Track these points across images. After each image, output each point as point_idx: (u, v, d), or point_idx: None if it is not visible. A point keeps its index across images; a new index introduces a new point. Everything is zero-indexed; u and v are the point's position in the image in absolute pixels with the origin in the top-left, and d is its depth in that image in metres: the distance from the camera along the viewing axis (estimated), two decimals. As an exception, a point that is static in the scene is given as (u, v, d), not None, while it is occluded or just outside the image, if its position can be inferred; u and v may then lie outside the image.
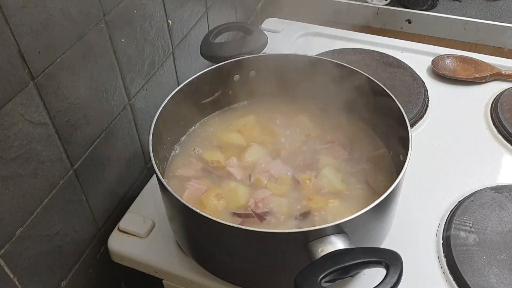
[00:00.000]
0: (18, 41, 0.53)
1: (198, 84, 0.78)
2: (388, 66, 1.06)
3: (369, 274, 0.68)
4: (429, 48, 1.13)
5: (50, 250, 0.68)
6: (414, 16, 1.27)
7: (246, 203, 0.71)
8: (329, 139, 0.81)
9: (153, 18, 0.80)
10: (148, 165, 0.91)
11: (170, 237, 0.76)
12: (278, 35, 1.20)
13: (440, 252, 0.74)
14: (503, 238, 0.74)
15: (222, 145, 0.81)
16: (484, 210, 0.78)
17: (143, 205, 0.82)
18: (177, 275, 0.73)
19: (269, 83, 0.87)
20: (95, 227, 0.78)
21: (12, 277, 0.61)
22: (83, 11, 0.63)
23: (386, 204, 0.62)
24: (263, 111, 0.87)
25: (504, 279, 0.69)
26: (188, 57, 0.96)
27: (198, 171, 0.77)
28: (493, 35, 1.22)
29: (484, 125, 0.95)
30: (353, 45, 1.15)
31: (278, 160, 0.77)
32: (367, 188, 0.73)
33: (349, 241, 0.56)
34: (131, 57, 0.77)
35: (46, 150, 0.62)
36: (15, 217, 0.59)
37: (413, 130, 0.93)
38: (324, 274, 0.52)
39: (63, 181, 0.67)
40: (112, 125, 0.76)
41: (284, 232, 0.58)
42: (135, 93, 0.81)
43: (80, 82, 0.66)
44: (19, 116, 0.56)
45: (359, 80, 0.77)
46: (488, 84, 1.04)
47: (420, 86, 1.01)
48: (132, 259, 0.76)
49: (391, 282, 0.50)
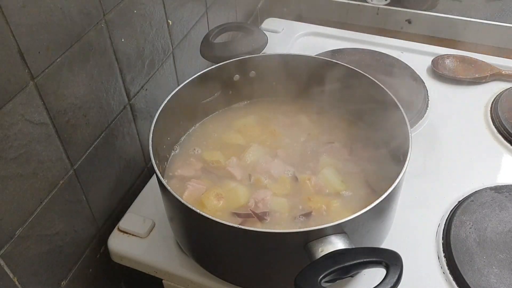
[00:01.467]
0: (18, 41, 0.53)
1: (198, 84, 0.78)
2: (388, 66, 1.06)
3: (369, 274, 0.68)
4: (429, 48, 1.13)
5: (50, 250, 0.68)
6: (414, 16, 1.27)
7: (246, 203, 0.71)
8: (329, 139, 0.81)
9: (153, 18, 0.80)
10: (148, 165, 0.91)
11: (170, 237, 0.76)
12: (278, 35, 1.20)
13: (440, 252, 0.74)
14: (503, 238, 0.74)
15: (222, 145, 0.81)
16: (484, 210, 0.78)
17: (143, 205, 0.82)
18: (177, 275, 0.73)
19: (269, 83, 0.87)
20: (95, 227, 0.78)
21: (12, 277, 0.61)
22: (83, 11, 0.63)
23: (386, 204, 0.62)
24: (263, 111, 0.87)
25: (504, 279, 0.69)
26: (188, 57, 0.96)
27: (198, 171, 0.77)
28: (493, 35, 1.22)
29: (484, 125, 0.95)
30: (353, 45, 1.15)
31: (278, 160, 0.77)
32: (367, 188, 0.73)
33: (349, 241, 0.56)
34: (131, 57, 0.77)
35: (46, 150, 0.62)
36: (15, 217, 0.59)
37: (413, 130, 0.93)
38: (324, 274, 0.52)
39: (63, 181, 0.67)
40: (112, 125, 0.76)
41: (284, 232, 0.58)
42: (135, 93, 0.81)
43: (80, 82, 0.66)
44: (19, 116, 0.56)
45: (359, 80, 0.77)
46: (488, 84, 1.04)
47: (420, 86, 1.01)
48: (132, 259, 0.76)
49: (391, 282, 0.50)
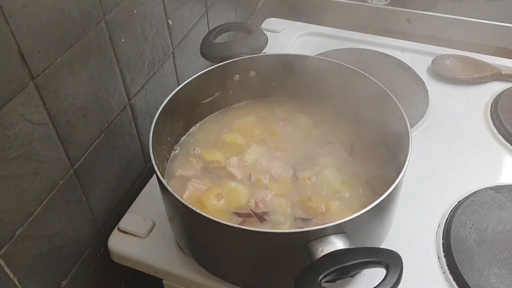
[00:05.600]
0: (18, 41, 0.53)
1: (198, 84, 0.78)
2: (388, 66, 1.06)
3: (369, 274, 0.68)
4: (429, 48, 1.13)
5: (50, 250, 0.68)
6: (414, 16, 1.27)
7: (247, 203, 0.71)
8: (329, 139, 0.81)
9: (153, 18, 0.80)
10: (148, 165, 0.91)
11: (170, 237, 0.76)
12: (278, 35, 1.20)
13: (440, 252, 0.74)
14: (503, 238, 0.74)
15: (222, 145, 0.81)
16: (484, 210, 0.78)
17: (143, 205, 0.82)
18: (177, 275, 0.73)
19: (269, 83, 0.87)
20: (95, 227, 0.78)
21: (12, 277, 0.61)
22: (83, 11, 0.63)
23: (386, 204, 0.62)
24: (263, 111, 0.87)
25: (504, 279, 0.69)
26: (188, 57, 0.96)
27: (198, 171, 0.77)
28: (493, 35, 1.22)
29: (484, 125, 0.95)
30: (353, 45, 1.15)
31: (278, 160, 0.77)
32: (367, 188, 0.73)
33: (349, 241, 0.56)
34: (131, 57, 0.77)
35: (46, 150, 0.62)
36: (15, 217, 0.59)
37: (413, 130, 0.93)
38: (324, 274, 0.52)
39: (63, 181, 0.67)
40: (112, 125, 0.76)
41: (284, 232, 0.59)
42: (135, 93, 0.81)
43: (80, 82, 0.66)
44: (19, 116, 0.56)
45: (359, 80, 0.77)
46: (488, 84, 1.04)
47: (420, 86, 1.01)
48: (132, 259, 0.76)
49: (391, 282, 0.50)
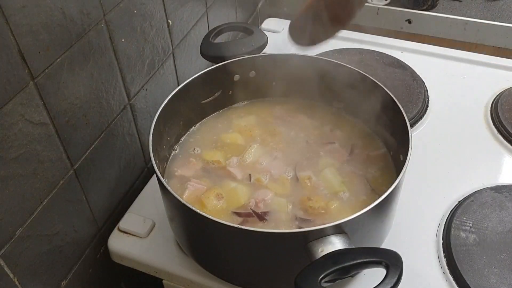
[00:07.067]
0: (18, 41, 0.53)
1: (198, 84, 0.78)
2: (388, 66, 1.06)
3: (369, 274, 0.68)
4: (429, 48, 1.13)
5: (50, 250, 0.68)
6: (414, 16, 1.27)
7: (247, 203, 0.71)
8: (329, 139, 0.81)
9: (153, 18, 0.80)
10: (148, 165, 0.91)
11: (170, 237, 0.76)
12: (278, 35, 1.19)
13: (440, 252, 0.74)
14: (503, 238, 0.74)
15: (222, 145, 0.81)
16: (484, 210, 0.77)
17: (143, 205, 0.82)
18: (177, 275, 0.73)
19: (269, 83, 0.87)
20: (95, 227, 0.78)
21: (12, 277, 0.61)
22: (83, 11, 0.63)
23: (386, 204, 0.62)
24: (263, 111, 0.87)
25: (504, 279, 0.69)
26: (188, 57, 0.96)
27: (198, 171, 0.77)
28: (493, 35, 1.22)
29: (484, 125, 0.95)
30: (353, 45, 1.15)
31: (278, 160, 0.77)
32: (367, 188, 0.73)
33: (349, 241, 0.56)
34: (131, 57, 0.77)
35: (46, 150, 0.62)
36: (15, 217, 0.59)
37: (413, 130, 0.93)
38: (324, 274, 0.52)
39: (63, 181, 0.67)
40: (112, 125, 0.76)
41: (284, 232, 0.58)
42: (135, 93, 0.81)
43: (80, 82, 0.66)
44: (19, 116, 0.56)
45: (359, 80, 0.77)
46: (488, 84, 1.04)
47: (420, 86, 1.01)
48: (132, 259, 0.76)
49: (391, 282, 0.50)
